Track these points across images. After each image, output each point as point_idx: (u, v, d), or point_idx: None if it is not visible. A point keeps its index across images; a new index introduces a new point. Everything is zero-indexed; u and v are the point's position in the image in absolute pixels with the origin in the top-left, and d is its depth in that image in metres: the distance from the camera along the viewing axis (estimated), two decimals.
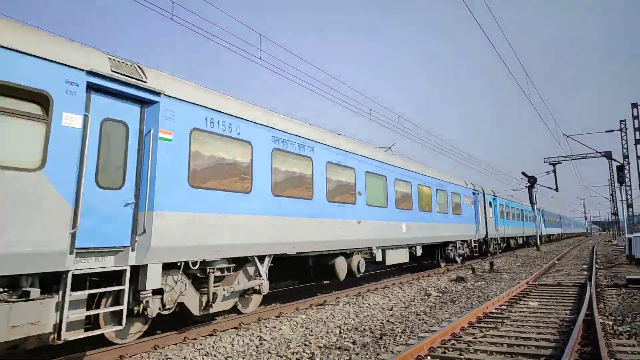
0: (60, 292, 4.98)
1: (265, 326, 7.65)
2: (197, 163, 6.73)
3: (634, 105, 28.20)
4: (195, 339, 6.94)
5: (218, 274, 7.17)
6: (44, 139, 4.92)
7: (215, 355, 6.01)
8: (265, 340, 6.75)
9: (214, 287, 7.13)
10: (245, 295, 8.27)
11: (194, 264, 6.64)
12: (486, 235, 22.51)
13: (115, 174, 5.71)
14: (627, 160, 33.52)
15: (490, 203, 23.99)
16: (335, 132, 11.45)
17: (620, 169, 28.57)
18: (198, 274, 6.98)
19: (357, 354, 5.93)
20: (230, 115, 7.50)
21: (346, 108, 16.12)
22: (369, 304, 9.86)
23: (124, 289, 5.51)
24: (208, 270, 6.99)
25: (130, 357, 5.94)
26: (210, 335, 7.19)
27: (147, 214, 5.87)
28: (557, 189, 37.15)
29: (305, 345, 6.55)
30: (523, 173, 33.29)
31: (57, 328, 4.92)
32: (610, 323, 7.55)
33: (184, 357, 5.89)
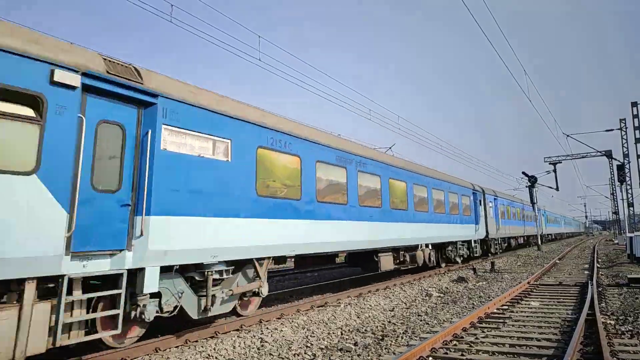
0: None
1: (267, 328, 7.63)
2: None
3: (634, 104, 28.18)
4: (196, 341, 6.92)
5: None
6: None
7: (216, 358, 6.00)
8: (266, 342, 6.74)
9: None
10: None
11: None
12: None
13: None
14: (627, 159, 33.50)
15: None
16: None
17: (621, 167, 28.55)
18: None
19: (358, 356, 5.92)
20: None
21: (346, 109, 16.12)
22: (370, 305, 9.85)
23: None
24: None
25: None
26: (212, 337, 7.18)
27: None
28: (557, 189, 37.11)
29: (307, 346, 6.54)
30: (524, 172, 33.26)
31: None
32: (612, 322, 7.54)
33: None
